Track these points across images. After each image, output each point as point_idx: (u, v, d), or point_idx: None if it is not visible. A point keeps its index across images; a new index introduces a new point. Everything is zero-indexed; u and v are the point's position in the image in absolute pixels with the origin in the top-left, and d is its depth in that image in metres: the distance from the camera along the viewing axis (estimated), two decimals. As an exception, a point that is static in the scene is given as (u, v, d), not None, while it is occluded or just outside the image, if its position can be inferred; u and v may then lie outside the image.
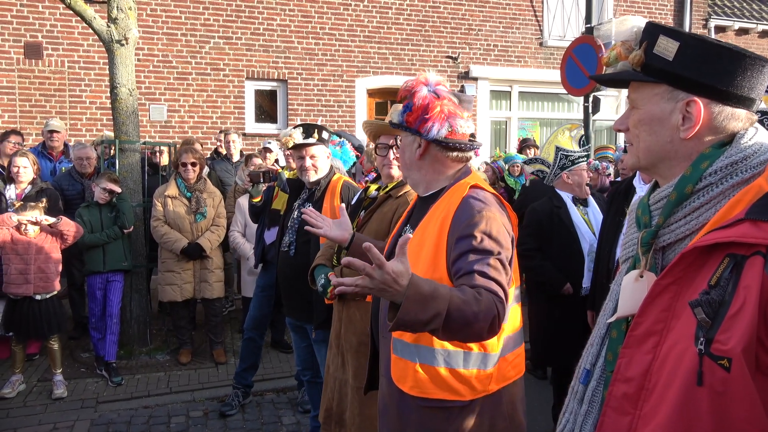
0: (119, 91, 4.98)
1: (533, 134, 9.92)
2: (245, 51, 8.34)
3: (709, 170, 1.05)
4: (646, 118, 1.13)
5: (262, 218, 4.20)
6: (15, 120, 7.43)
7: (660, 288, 1.04)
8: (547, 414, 3.87)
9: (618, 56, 1.17)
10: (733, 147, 1.06)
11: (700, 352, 0.94)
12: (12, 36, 7.43)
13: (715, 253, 0.98)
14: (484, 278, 1.56)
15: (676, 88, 1.08)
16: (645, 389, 1.03)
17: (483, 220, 1.65)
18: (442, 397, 1.72)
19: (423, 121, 1.77)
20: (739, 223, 0.96)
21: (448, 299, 1.43)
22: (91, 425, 3.87)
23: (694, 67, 1.06)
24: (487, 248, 1.62)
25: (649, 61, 1.11)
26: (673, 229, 1.09)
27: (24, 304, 4.18)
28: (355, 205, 2.75)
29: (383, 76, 9.01)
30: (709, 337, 0.94)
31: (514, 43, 9.70)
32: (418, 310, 1.38)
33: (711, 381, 0.93)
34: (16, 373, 4.35)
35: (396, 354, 1.78)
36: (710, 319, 0.94)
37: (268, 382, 4.54)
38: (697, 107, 1.07)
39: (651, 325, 1.04)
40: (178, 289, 4.82)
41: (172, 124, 8.10)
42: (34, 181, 4.71)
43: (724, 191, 1.04)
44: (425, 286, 1.41)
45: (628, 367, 1.06)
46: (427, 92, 1.78)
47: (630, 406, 1.05)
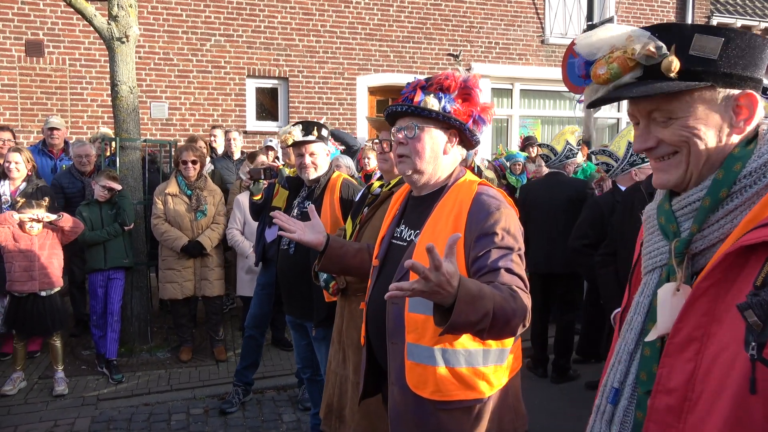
0: (120, 89, 4.98)
1: (535, 132, 9.90)
2: (246, 49, 8.34)
3: (743, 172, 1.01)
4: (699, 126, 1.03)
5: (263, 216, 4.19)
6: (16, 117, 7.44)
7: (700, 291, 0.99)
8: (548, 412, 3.88)
9: (622, 68, 1.05)
10: (764, 146, 1.02)
11: (752, 357, 0.89)
12: (13, 33, 7.43)
13: (756, 253, 0.93)
14: (511, 274, 1.59)
15: (726, 87, 1.02)
16: (688, 400, 0.98)
17: (501, 217, 1.67)
18: (464, 398, 1.72)
19: (476, 120, 1.81)
20: None
21: (492, 297, 1.43)
22: (92, 422, 3.87)
23: (741, 61, 1.01)
24: (509, 245, 1.64)
25: (688, 64, 1.01)
26: (706, 235, 1.03)
27: (29, 301, 4.19)
28: (359, 202, 2.75)
29: (384, 74, 9.00)
30: (762, 341, 0.88)
31: (515, 40, 9.68)
32: (469, 311, 1.36)
33: (764, 387, 0.88)
34: (18, 370, 4.36)
35: (412, 360, 1.73)
36: (762, 322, 0.88)
37: (269, 380, 4.55)
38: (752, 100, 1.02)
39: (691, 331, 0.99)
40: (179, 286, 4.82)
41: (173, 122, 8.10)
42: (29, 177, 4.69)
43: (758, 192, 0.99)
44: (473, 286, 1.39)
45: (670, 377, 1.01)
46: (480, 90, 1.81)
47: (673, 418, 0.99)
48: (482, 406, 1.74)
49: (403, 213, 1.97)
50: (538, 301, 4.82)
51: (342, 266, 2.17)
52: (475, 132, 1.83)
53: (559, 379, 4.63)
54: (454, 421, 1.73)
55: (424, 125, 1.80)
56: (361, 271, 2.15)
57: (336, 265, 2.15)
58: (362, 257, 2.15)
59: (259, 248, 4.13)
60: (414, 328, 1.73)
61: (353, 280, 2.47)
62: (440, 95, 1.78)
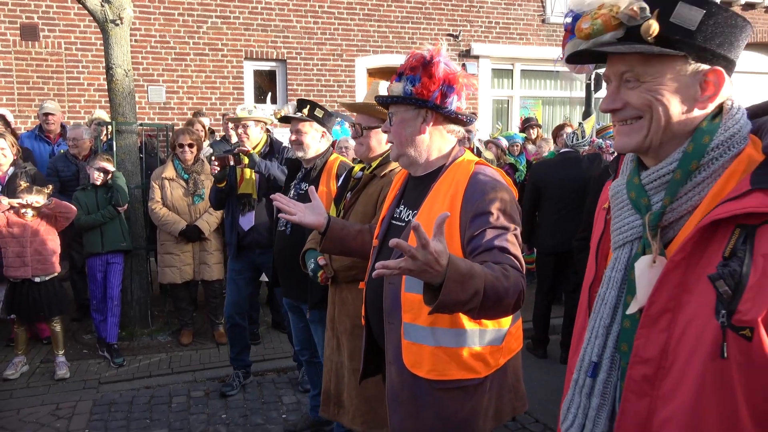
0: (115, 72, 4.93)
1: (535, 113, 9.82)
2: (243, 31, 8.25)
3: (711, 145, 1.03)
4: (663, 92, 1.05)
5: (231, 204, 4.06)
6: (13, 103, 7.39)
7: (673, 264, 1.02)
8: (548, 392, 3.89)
9: (605, 26, 1.05)
10: (729, 120, 1.04)
11: (723, 325, 0.94)
12: (8, 17, 7.36)
13: (723, 226, 0.97)
14: (505, 254, 1.58)
15: (698, 60, 1.03)
16: (662, 368, 1.02)
17: (497, 197, 1.66)
18: (460, 377, 1.72)
19: (444, 93, 1.74)
20: (749, 193, 0.95)
21: (483, 276, 1.41)
22: (94, 405, 3.90)
23: (716, 37, 1.02)
24: (504, 224, 1.64)
25: (666, 31, 1.02)
26: (675, 207, 1.06)
27: (23, 287, 4.19)
28: (341, 187, 2.73)
29: (383, 55, 8.91)
30: (731, 309, 0.93)
31: (516, 20, 9.56)
32: (458, 290, 1.36)
33: (734, 353, 0.93)
34: (19, 354, 4.38)
35: (408, 339, 1.74)
36: (732, 291, 0.93)
37: (269, 362, 4.57)
38: (719, 77, 1.04)
39: (665, 303, 1.03)
40: (178, 271, 4.83)
41: (171, 105, 8.04)
42: (16, 162, 4.65)
43: (723, 164, 1.03)
44: (462, 264, 1.38)
45: (646, 348, 1.05)
46: (445, 63, 1.75)
47: (648, 387, 1.04)
48: (480, 386, 1.75)
49: (403, 193, 1.96)
50: (546, 282, 4.83)
51: (343, 248, 2.15)
52: (444, 106, 1.76)
53: None
54: (452, 401, 1.73)
55: (398, 111, 1.82)
56: (361, 252, 2.14)
57: (337, 246, 2.13)
58: (363, 239, 2.14)
59: (234, 238, 4.04)
60: (410, 308, 1.73)
61: (341, 268, 2.46)
62: (409, 77, 1.76)
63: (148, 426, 3.64)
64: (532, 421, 3.66)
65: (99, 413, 3.80)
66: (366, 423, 2.42)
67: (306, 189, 3.15)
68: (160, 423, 3.68)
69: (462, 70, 1.79)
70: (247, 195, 4.02)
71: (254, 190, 4.02)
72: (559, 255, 4.72)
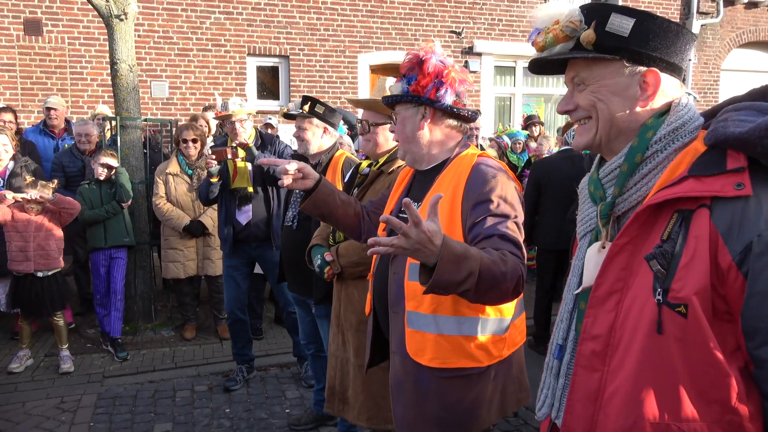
0: (119, 67, 4.94)
1: (538, 111, 9.82)
2: (246, 26, 8.24)
3: (654, 138, 1.13)
4: (604, 93, 1.16)
5: (224, 199, 4.00)
6: (17, 97, 7.40)
7: (617, 248, 1.11)
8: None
9: (555, 39, 1.18)
10: (673, 115, 1.13)
11: (659, 302, 1.02)
12: (11, 12, 7.36)
13: (664, 211, 1.06)
14: (505, 240, 1.60)
15: (633, 63, 1.14)
16: (611, 345, 1.10)
17: (498, 185, 1.69)
18: (462, 366, 1.74)
19: (436, 87, 1.78)
20: (684, 180, 1.04)
21: (479, 259, 1.43)
22: (98, 399, 3.92)
23: (648, 42, 1.13)
24: (505, 212, 1.66)
25: (602, 39, 1.14)
26: (626, 197, 1.15)
27: (26, 281, 4.21)
28: (348, 183, 2.74)
29: (386, 51, 8.90)
30: (666, 287, 1.02)
31: (519, 17, 9.54)
32: (452, 270, 1.37)
33: (671, 328, 1.01)
34: (24, 348, 4.41)
35: (411, 327, 1.77)
36: (665, 270, 1.02)
37: (272, 357, 4.59)
38: (656, 77, 1.14)
39: (611, 285, 1.11)
40: (181, 266, 4.84)
41: (174, 101, 8.05)
42: (15, 157, 4.67)
43: (668, 156, 1.12)
44: (457, 246, 1.40)
45: (594, 326, 1.13)
46: (437, 60, 1.78)
47: (599, 362, 1.12)
48: (483, 376, 1.77)
49: (410, 188, 2.00)
50: (547, 278, 4.84)
51: (324, 212, 2.06)
52: (438, 100, 1.79)
53: None
54: (454, 390, 1.75)
55: (400, 110, 1.89)
56: (341, 222, 2.10)
57: (319, 209, 2.05)
58: (346, 210, 2.08)
59: (230, 233, 3.98)
60: (413, 296, 1.76)
61: (348, 264, 2.47)
62: (408, 78, 1.82)
63: (153, 420, 3.67)
64: (533, 416, 3.68)
65: (103, 407, 3.82)
66: (371, 419, 2.43)
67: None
68: (165, 417, 3.70)
69: (454, 64, 1.83)
70: (243, 189, 3.98)
71: (249, 184, 3.99)
72: (559, 252, 4.74)
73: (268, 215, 4.01)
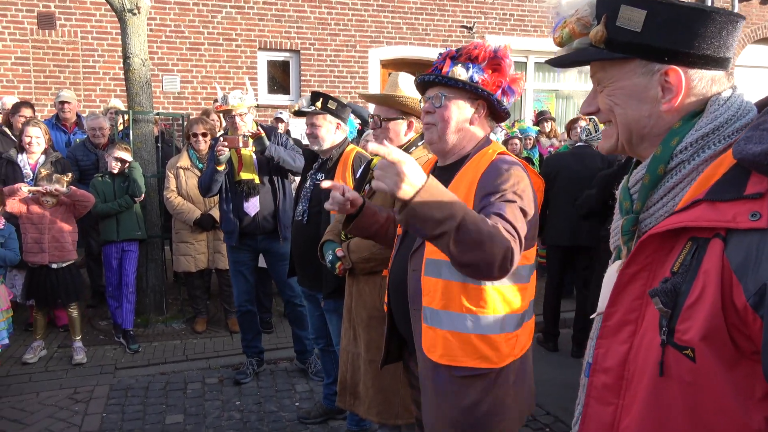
0: (132, 62, 4.97)
1: (549, 106, 9.76)
2: (257, 21, 8.26)
3: (679, 147, 0.97)
4: (620, 96, 1.03)
5: (228, 191, 3.96)
6: (30, 91, 7.47)
7: (627, 277, 0.99)
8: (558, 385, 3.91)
9: (572, 34, 1.06)
10: (704, 118, 0.97)
11: (662, 342, 0.90)
12: (25, 6, 7.41)
13: (682, 236, 0.91)
14: (500, 218, 1.56)
15: (649, 61, 0.99)
16: (625, 379, 0.99)
17: (511, 177, 1.67)
18: (473, 365, 1.71)
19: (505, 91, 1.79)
20: (696, 205, 0.90)
21: (464, 208, 1.40)
22: (111, 390, 3.98)
23: (666, 35, 0.96)
24: (509, 198, 1.63)
25: (613, 35, 1.00)
26: (652, 213, 1.01)
27: (41, 273, 4.27)
28: (360, 178, 2.74)
29: (397, 46, 8.89)
30: (671, 326, 0.89)
31: (530, 12, 9.48)
32: (433, 205, 1.34)
33: (678, 371, 0.89)
34: (38, 339, 4.47)
35: (426, 323, 1.76)
36: (670, 309, 0.89)
37: (282, 351, 4.62)
38: (676, 76, 0.98)
39: (624, 315, 1.00)
40: (192, 259, 4.88)
41: (186, 95, 8.09)
42: (47, 151, 4.75)
43: (696, 167, 0.95)
44: (446, 189, 1.40)
45: (606, 358, 1.03)
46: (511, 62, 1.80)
47: (612, 396, 1.02)
48: (499, 377, 1.74)
49: None
50: (555, 275, 4.83)
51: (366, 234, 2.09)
52: (503, 103, 1.81)
53: (579, 353, 4.66)
54: (470, 390, 1.72)
55: (451, 95, 1.79)
56: (384, 239, 2.11)
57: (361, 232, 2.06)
58: (388, 229, 2.09)
59: (236, 225, 3.94)
60: (428, 291, 1.75)
61: (359, 260, 2.47)
62: (468, 65, 1.76)
63: (164, 411, 3.71)
64: (543, 413, 3.69)
65: (116, 398, 3.87)
66: (381, 413, 2.44)
67: (322, 180, 3.19)
68: (176, 408, 3.74)
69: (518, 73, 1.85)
70: (250, 180, 3.95)
71: (255, 174, 3.96)
72: (564, 249, 4.72)
73: (275, 207, 3.99)
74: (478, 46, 1.77)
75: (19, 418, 3.57)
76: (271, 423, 3.57)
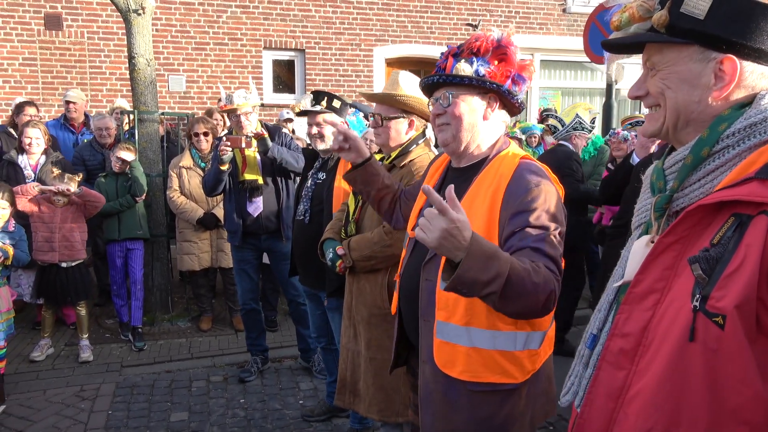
0: (137, 61, 5.00)
1: (554, 104, 9.72)
2: (262, 20, 8.27)
3: (726, 132, 1.02)
4: (673, 80, 1.07)
5: (231, 190, 3.98)
6: (38, 91, 7.53)
7: (663, 246, 1.03)
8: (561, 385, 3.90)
9: (631, 18, 1.09)
10: (753, 108, 1.02)
11: (695, 309, 0.94)
12: (32, 7, 7.47)
13: (722, 212, 0.97)
14: (539, 254, 1.50)
15: (707, 48, 1.03)
16: (642, 345, 1.04)
17: (541, 194, 1.57)
18: (496, 381, 1.64)
19: (515, 80, 1.69)
20: (748, 182, 0.94)
21: (509, 262, 1.36)
22: (117, 387, 4.01)
23: (727, 25, 1.01)
24: (544, 224, 1.54)
25: (675, 21, 1.04)
26: (687, 193, 1.06)
27: (51, 271, 4.31)
28: None
29: (402, 44, 8.88)
30: (705, 293, 0.94)
31: (536, 9, 9.45)
32: (479, 267, 1.29)
33: (705, 338, 0.93)
34: (45, 337, 4.51)
35: (441, 338, 1.67)
36: (707, 276, 0.94)
37: (286, 349, 4.64)
38: (732, 65, 1.02)
39: (652, 283, 1.04)
40: (196, 258, 4.91)
41: (191, 94, 8.12)
42: (47, 151, 4.79)
43: (740, 153, 1.00)
44: (487, 243, 1.34)
45: (627, 323, 1.07)
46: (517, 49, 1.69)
47: (626, 361, 1.06)
48: (516, 391, 1.68)
49: (442, 184, 1.86)
50: None
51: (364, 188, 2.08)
52: (515, 93, 1.70)
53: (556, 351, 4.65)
54: (487, 405, 1.66)
55: (459, 92, 1.70)
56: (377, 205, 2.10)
57: (359, 185, 2.06)
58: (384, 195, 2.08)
59: (240, 225, 3.95)
60: (445, 306, 1.67)
61: (360, 258, 2.47)
62: (472, 59, 1.68)
63: (169, 408, 3.74)
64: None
65: (122, 395, 3.90)
66: (381, 411, 2.45)
67: (323, 179, 3.20)
68: (181, 406, 3.77)
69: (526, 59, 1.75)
70: (254, 180, 3.96)
71: (259, 174, 3.98)
72: None
73: (279, 207, 4.01)
74: (479, 38, 1.69)
75: (26, 415, 3.61)
76: (275, 421, 3.59)
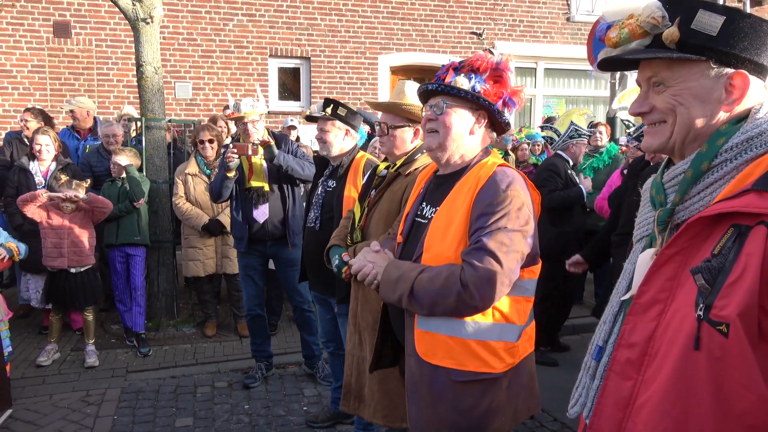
0: (145, 69, 5.05)
1: (558, 112, 9.75)
2: (268, 28, 8.35)
3: (725, 147, 1.05)
4: (686, 96, 1.09)
5: (238, 197, 4.00)
6: (46, 98, 7.60)
7: (665, 258, 1.06)
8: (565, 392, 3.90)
9: (631, 34, 1.11)
10: (750, 122, 1.06)
11: (699, 318, 0.97)
12: (41, 15, 7.56)
13: (722, 224, 1.00)
14: (480, 250, 1.66)
15: (720, 64, 1.06)
16: (648, 355, 1.06)
17: (507, 199, 1.69)
18: (475, 369, 1.74)
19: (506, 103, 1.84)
20: (745, 194, 0.97)
21: (412, 282, 1.73)
22: (122, 393, 4.03)
23: (739, 42, 1.04)
24: (500, 225, 1.68)
25: (686, 37, 1.06)
26: (688, 206, 1.09)
27: (60, 277, 4.34)
28: (365, 185, 2.77)
29: (406, 53, 8.94)
30: (709, 303, 0.96)
31: (540, 18, 9.50)
32: (387, 290, 1.82)
33: (709, 346, 0.96)
34: (52, 342, 4.53)
35: (421, 328, 1.79)
36: (710, 286, 0.97)
37: (291, 356, 4.65)
38: (743, 80, 1.06)
39: (656, 294, 1.07)
40: (201, 264, 4.93)
41: (198, 102, 8.19)
42: (57, 157, 4.83)
43: (737, 166, 1.04)
44: (393, 272, 1.81)
45: (632, 334, 1.10)
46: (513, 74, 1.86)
47: (633, 371, 1.08)
48: (498, 382, 1.77)
49: (427, 191, 2.00)
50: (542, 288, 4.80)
51: None
52: (503, 113, 1.85)
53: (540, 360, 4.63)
54: (469, 395, 1.75)
55: (453, 103, 1.84)
56: None
57: None
58: None
59: (246, 231, 3.97)
60: None
61: None
62: (471, 75, 1.81)
63: (174, 414, 3.75)
64: (551, 420, 3.68)
65: (127, 400, 3.92)
66: (387, 417, 2.46)
67: (333, 186, 3.23)
68: (186, 411, 3.78)
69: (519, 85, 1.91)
70: (260, 187, 3.98)
71: (266, 182, 4.00)
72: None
73: (284, 214, 4.03)
74: (480, 58, 1.83)
75: (32, 420, 3.63)
76: (280, 427, 3.60)
